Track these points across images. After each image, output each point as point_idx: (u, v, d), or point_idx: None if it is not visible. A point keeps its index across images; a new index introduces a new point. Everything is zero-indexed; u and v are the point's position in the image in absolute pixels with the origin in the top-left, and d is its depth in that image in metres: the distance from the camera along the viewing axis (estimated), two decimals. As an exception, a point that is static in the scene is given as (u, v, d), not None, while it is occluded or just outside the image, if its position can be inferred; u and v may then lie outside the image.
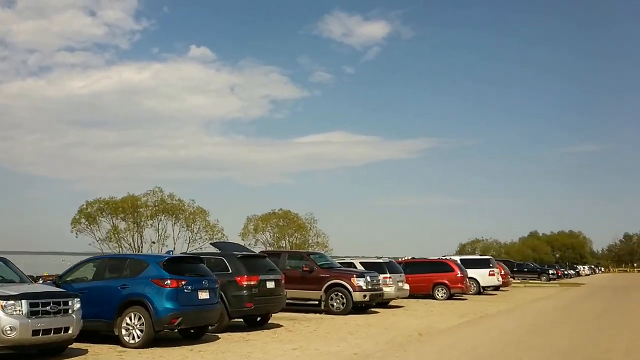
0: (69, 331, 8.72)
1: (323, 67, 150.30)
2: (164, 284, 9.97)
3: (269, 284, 13.02)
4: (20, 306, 8.16)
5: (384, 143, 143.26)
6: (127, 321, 10.00)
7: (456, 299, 25.50)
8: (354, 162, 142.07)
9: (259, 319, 13.62)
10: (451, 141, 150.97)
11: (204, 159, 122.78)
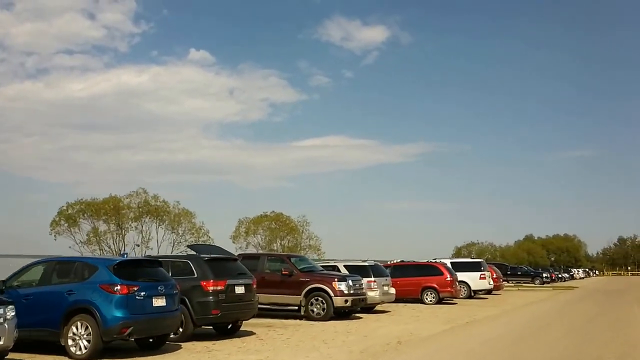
0: (0, 342, 7.88)
1: (322, 71, 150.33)
2: (113, 290, 9.11)
3: (239, 289, 12.18)
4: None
5: (382, 147, 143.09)
6: (74, 330, 9.14)
7: (446, 303, 24.71)
8: (352, 166, 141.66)
9: (229, 326, 12.79)
10: (448, 145, 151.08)
11: (202, 162, 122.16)
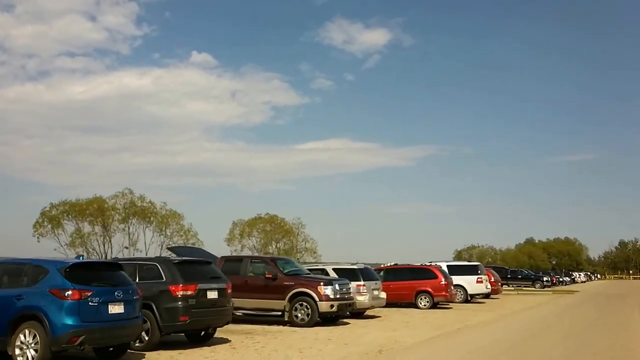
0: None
1: (324, 74, 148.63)
2: (63, 295, 8.37)
3: (211, 294, 11.43)
4: None
5: (383, 150, 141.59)
6: (22, 339, 8.41)
7: (441, 307, 23.99)
8: (353, 169, 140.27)
9: (202, 333, 12.06)
10: (449, 148, 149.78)
11: (203, 165, 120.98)
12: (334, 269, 18.96)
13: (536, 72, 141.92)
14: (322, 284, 15.72)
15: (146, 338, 10.69)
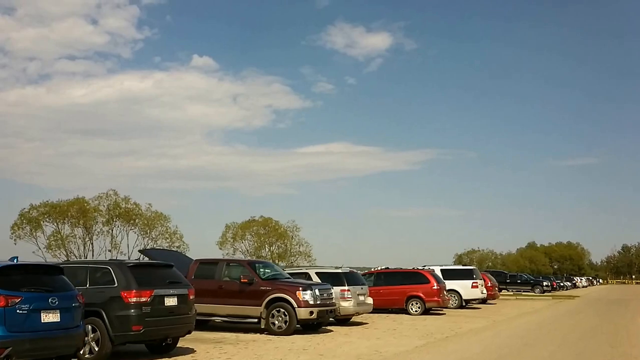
0: None
1: (326, 77, 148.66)
2: (-13, 302, 7.46)
3: (169, 301, 10.46)
4: None
5: (385, 154, 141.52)
6: (-58, 351, 7.50)
7: (434, 313, 23.03)
8: (355, 173, 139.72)
9: (169, 341, 11.10)
10: (451, 152, 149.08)
11: (204, 168, 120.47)
12: (317, 273, 18.04)
13: (539, 76, 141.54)
14: (300, 288, 14.78)
15: (96, 349, 9.79)
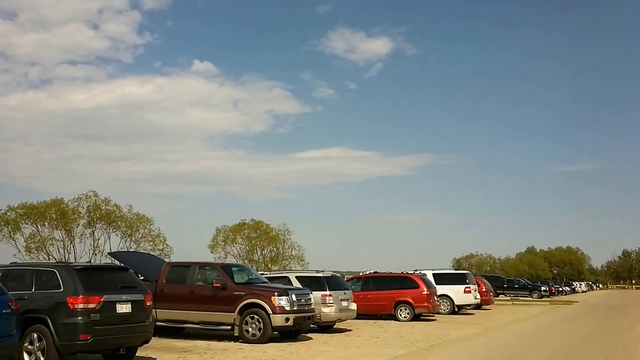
0: None
1: (326, 82, 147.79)
2: None
3: (121, 307, 9.54)
4: None
5: (383, 159, 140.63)
6: None
7: (424, 319, 22.09)
8: (353, 178, 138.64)
9: (122, 351, 10.18)
10: (450, 157, 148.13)
11: (202, 173, 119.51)
12: (297, 277, 17.10)
13: (537, 81, 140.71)
14: (276, 294, 13.85)
15: (42, 359, 8.90)
